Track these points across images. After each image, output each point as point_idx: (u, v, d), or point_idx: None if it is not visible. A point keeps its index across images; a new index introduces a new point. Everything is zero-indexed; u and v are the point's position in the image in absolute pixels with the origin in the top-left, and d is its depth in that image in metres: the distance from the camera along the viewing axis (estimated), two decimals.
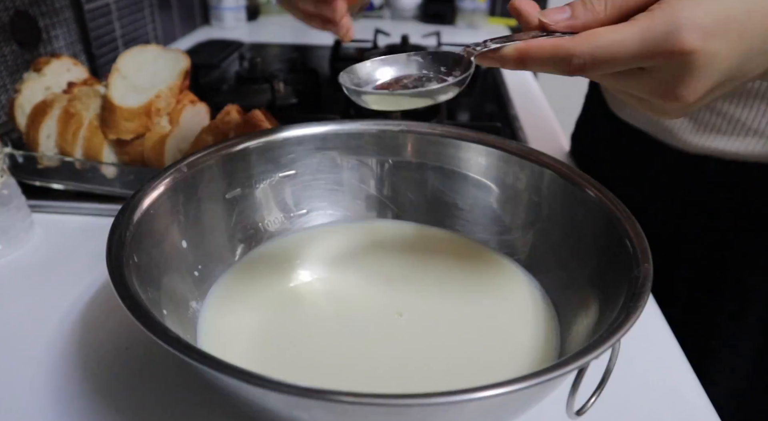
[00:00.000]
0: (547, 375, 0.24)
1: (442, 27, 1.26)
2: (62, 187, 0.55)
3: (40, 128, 0.57)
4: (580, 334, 0.34)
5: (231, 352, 0.35)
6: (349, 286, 0.42)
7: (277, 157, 0.44)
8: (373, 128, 0.46)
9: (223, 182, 0.42)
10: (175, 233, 0.38)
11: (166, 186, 0.37)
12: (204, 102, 0.63)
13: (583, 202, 0.39)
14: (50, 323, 0.42)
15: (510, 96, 0.89)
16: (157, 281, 0.34)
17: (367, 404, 0.23)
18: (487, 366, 0.35)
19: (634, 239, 0.33)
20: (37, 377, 0.37)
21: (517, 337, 0.37)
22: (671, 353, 0.42)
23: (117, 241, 0.32)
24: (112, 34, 0.91)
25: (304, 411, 0.25)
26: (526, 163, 0.43)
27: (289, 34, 1.30)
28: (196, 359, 0.25)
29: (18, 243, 0.50)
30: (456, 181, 0.46)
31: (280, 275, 0.42)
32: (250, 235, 0.44)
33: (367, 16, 1.40)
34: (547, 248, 0.42)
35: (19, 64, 0.70)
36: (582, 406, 0.30)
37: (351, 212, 0.48)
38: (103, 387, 0.37)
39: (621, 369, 0.36)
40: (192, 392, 0.36)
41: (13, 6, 0.68)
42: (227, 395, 0.28)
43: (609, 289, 0.33)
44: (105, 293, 0.45)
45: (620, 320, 0.28)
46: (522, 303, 0.40)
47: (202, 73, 0.89)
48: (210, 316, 0.38)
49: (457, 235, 0.46)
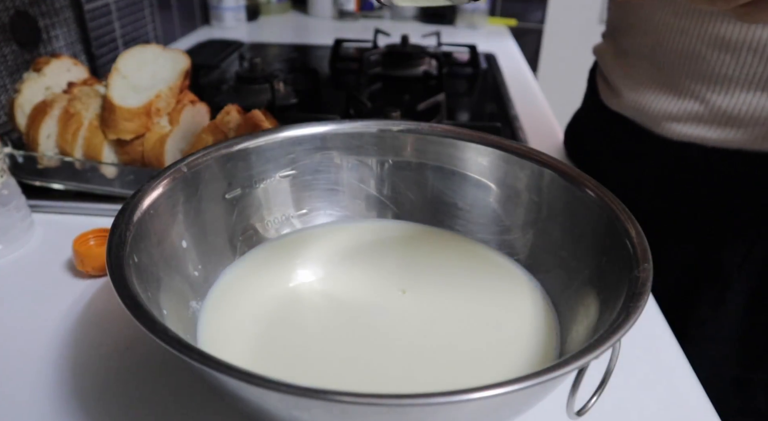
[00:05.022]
0: (547, 375, 0.24)
1: (442, 27, 1.26)
2: (62, 187, 0.55)
3: (40, 128, 0.57)
4: (580, 334, 0.34)
5: (231, 352, 0.35)
6: (349, 286, 0.42)
7: (277, 157, 0.44)
8: (373, 128, 0.46)
9: (223, 182, 0.42)
10: (175, 233, 0.38)
11: (166, 186, 0.37)
12: (204, 102, 0.63)
13: (583, 202, 0.39)
14: (50, 323, 0.42)
15: (510, 96, 0.89)
16: (157, 281, 0.34)
17: (367, 404, 0.23)
18: (487, 366, 0.35)
19: (635, 239, 0.33)
20: (37, 377, 0.37)
21: (516, 337, 0.37)
22: (671, 353, 0.42)
23: (117, 241, 0.32)
24: (112, 34, 0.91)
25: (303, 411, 0.25)
26: (526, 163, 0.43)
27: (289, 34, 1.30)
28: (196, 359, 0.25)
29: (18, 243, 0.50)
30: (456, 181, 0.46)
31: (280, 275, 0.42)
32: (250, 235, 0.44)
33: (367, 16, 1.40)
34: (547, 248, 0.42)
35: (19, 64, 0.70)
36: (582, 406, 0.29)
37: (351, 211, 0.48)
38: (103, 387, 0.37)
39: (621, 369, 0.36)
40: (192, 392, 0.36)
41: (13, 6, 0.68)
42: (227, 395, 0.28)
43: (609, 289, 0.33)
44: (105, 293, 0.45)
45: (620, 320, 0.28)
46: (522, 303, 0.40)
47: (202, 73, 0.89)
48: (210, 316, 0.38)
49: (457, 235, 0.46)
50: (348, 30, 1.30)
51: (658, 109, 0.56)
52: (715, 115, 0.52)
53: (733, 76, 0.50)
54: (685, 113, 0.54)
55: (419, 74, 0.95)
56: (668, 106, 0.55)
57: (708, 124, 0.53)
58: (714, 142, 0.53)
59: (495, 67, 1.05)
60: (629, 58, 0.59)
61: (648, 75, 0.57)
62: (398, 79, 0.95)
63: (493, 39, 1.27)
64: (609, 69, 0.64)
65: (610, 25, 0.66)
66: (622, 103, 0.60)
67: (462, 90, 0.98)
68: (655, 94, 0.56)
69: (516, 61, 1.14)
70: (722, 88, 0.51)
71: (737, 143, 0.52)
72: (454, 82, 1.00)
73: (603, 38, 0.68)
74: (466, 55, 1.07)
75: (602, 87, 0.65)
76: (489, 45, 1.19)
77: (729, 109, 0.51)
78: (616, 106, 0.62)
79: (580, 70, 0.95)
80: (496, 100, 0.90)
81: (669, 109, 0.55)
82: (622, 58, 0.61)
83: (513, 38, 1.32)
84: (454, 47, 1.09)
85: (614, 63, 0.62)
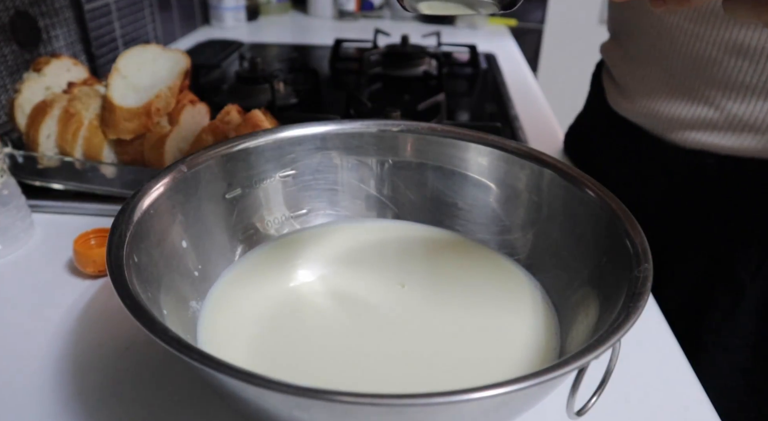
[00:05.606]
0: (547, 375, 0.24)
1: (442, 27, 1.26)
2: (62, 187, 0.55)
3: (40, 128, 0.57)
4: (580, 334, 0.34)
5: (231, 352, 0.35)
6: (349, 286, 0.42)
7: (277, 157, 0.44)
8: (373, 128, 0.46)
9: (223, 182, 0.42)
10: (175, 233, 0.38)
11: (166, 186, 0.37)
12: (204, 102, 0.63)
13: (583, 202, 0.39)
14: (50, 323, 0.42)
15: (510, 96, 0.89)
16: (157, 281, 0.34)
17: (367, 404, 0.23)
18: (487, 366, 0.35)
19: (635, 239, 0.33)
20: (37, 377, 0.37)
21: (516, 337, 0.37)
22: (671, 353, 0.42)
23: (117, 241, 0.32)
24: (112, 34, 0.91)
25: (304, 411, 0.25)
26: (526, 163, 0.43)
27: (289, 34, 1.30)
28: (196, 359, 0.25)
29: (18, 243, 0.50)
30: (456, 181, 0.46)
31: (280, 275, 0.42)
32: (250, 235, 0.44)
33: (367, 16, 1.40)
34: (547, 248, 0.42)
35: (19, 64, 0.70)
36: (582, 406, 0.29)
37: (351, 211, 0.48)
38: (102, 387, 0.37)
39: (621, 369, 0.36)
40: (192, 392, 0.36)
41: (13, 6, 0.68)
42: (227, 395, 0.28)
43: (609, 289, 0.33)
44: (105, 293, 0.45)
45: (620, 320, 0.28)
46: (522, 303, 0.40)
47: (202, 73, 0.89)
48: (210, 316, 0.38)
49: (457, 235, 0.46)
50: (348, 30, 1.30)
51: (670, 116, 0.55)
52: (730, 122, 0.51)
53: (750, 83, 0.49)
54: (698, 120, 0.53)
55: (419, 74, 0.95)
56: (681, 112, 0.54)
57: (722, 132, 0.52)
58: (728, 150, 0.53)
59: (495, 67, 1.05)
60: (639, 61, 0.58)
61: (659, 80, 0.56)
62: (398, 79, 0.95)
63: (493, 39, 1.27)
64: (618, 71, 0.62)
65: (613, 27, 0.65)
66: (632, 107, 0.59)
67: (462, 90, 0.98)
68: (667, 100, 0.55)
69: (516, 61, 1.14)
70: (738, 95, 0.50)
71: (752, 151, 0.51)
72: (454, 82, 1.00)
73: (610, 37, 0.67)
74: (466, 55, 1.07)
75: (610, 89, 0.64)
76: (489, 45, 1.19)
77: (745, 116, 0.50)
78: (625, 111, 0.60)
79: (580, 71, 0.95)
80: (496, 100, 0.90)
81: (682, 115, 0.54)
82: (631, 60, 0.60)
83: (513, 38, 1.32)
84: (454, 47, 1.09)
85: (623, 65, 0.61)
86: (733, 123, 0.51)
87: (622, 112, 0.61)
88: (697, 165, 0.55)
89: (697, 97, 0.53)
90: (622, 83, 0.61)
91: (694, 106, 0.53)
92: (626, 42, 0.61)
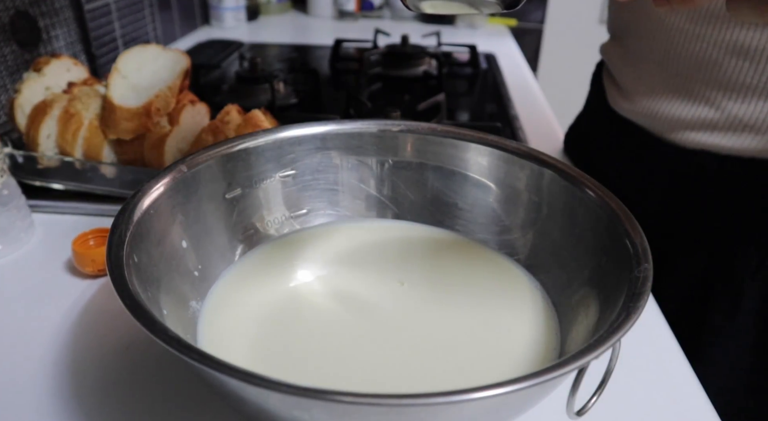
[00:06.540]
0: (547, 375, 0.24)
1: (442, 27, 1.26)
2: (62, 187, 0.55)
3: (40, 128, 0.57)
4: (580, 334, 0.34)
5: (231, 352, 0.35)
6: (349, 286, 0.42)
7: (277, 157, 0.44)
8: (373, 128, 0.46)
9: (223, 182, 0.42)
10: (175, 233, 0.38)
11: (166, 186, 0.37)
12: (204, 102, 0.63)
13: (583, 202, 0.39)
14: (50, 323, 0.42)
15: (510, 96, 0.89)
16: (157, 281, 0.34)
17: (367, 404, 0.23)
18: (487, 366, 0.35)
19: (635, 239, 0.33)
20: (37, 377, 0.37)
21: (516, 337, 0.37)
22: (671, 353, 0.42)
23: (117, 241, 0.32)
24: (112, 34, 0.91)
25: (304, 411, 0.25)
26: (526, 163, 0.43)
27: (289, 34, 1.30)
28: (196, 359, 0.25)
29: (18, 243, 0.50)
30: (456, 181, 0.46)
31: (280, 275, 0.42)
32: (250, 235, 0.44)
33: (367, 16, 1.40)
34: (547, 248, 0.42)
35: (19, 64, 0.70)
36: (582, 406, 0.29)
37: (351, 211, 0.48)
38: (102, 387, 0.37)
39: (621, 369, 0.36)
40: (192, 392, 0.36)
41: (13, 6, 0.68)
42: (227, 395, 0.28)
43: (609, 289, 0.33)
44: (105, 293, 0.45)
45: (620, 320, 0.28)
46: (522, 303, 0.40)
47: (202, 73, 0.89)
48: (210, 316, 0.38)
49: (457, 235, 0.46)
50: (348, 30, 1.30)
51: (671, 116, 0.55)
52: (731, 123, 0.52)
53: (750, 84, 0.49)
54: (699, 120, 0.53)
55: (419, 74, 0.95)
56: (681, 112, 0.54)
57: (723, 132, 0.52)
58: (728, 151, 0.53)
59: (495, 67, 1.05)
60: (639, 62, 0.58)
61: (660, 80, 0.56)
62: (398, 79, 0.95)
63: (493, 39, 1.27)
64: (618, 71, 0.62)
65: (613, 28, 0.65)
66: (632, 107, 0.59)
67: (462, 90, 0.98)
68: (667, 100, 0.55)
69: (516, 61, 1.14)
70: (738, 96, 0.50)
71: (752, 151, 0.52)
72: (454, 82, 1.00)
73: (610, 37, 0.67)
74: (466, 55, 1.07)
75: (610, 90, 0.64)
76: (489, 45, 1.19)
77: (746, 117, 0.50)
78: (625, 111, 0.60)
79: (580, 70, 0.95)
80: (496, 100, 0.90)
81: (682, 115, 0.54)
82: (631, 61, 0.60)
83: (513, 38, 1.32)
84: (454, 47, 1.09)
85: (623, 65, 0.61)
86: (733, 123, 0.51)
87: (622, 112, 0.61)
88: (697, 165, 0.55)
89: (697, 97, 0.53)
90: (622, 83, 0.61)
91: (694, 107, 0.53)
92: (626, 42, 0.61)
